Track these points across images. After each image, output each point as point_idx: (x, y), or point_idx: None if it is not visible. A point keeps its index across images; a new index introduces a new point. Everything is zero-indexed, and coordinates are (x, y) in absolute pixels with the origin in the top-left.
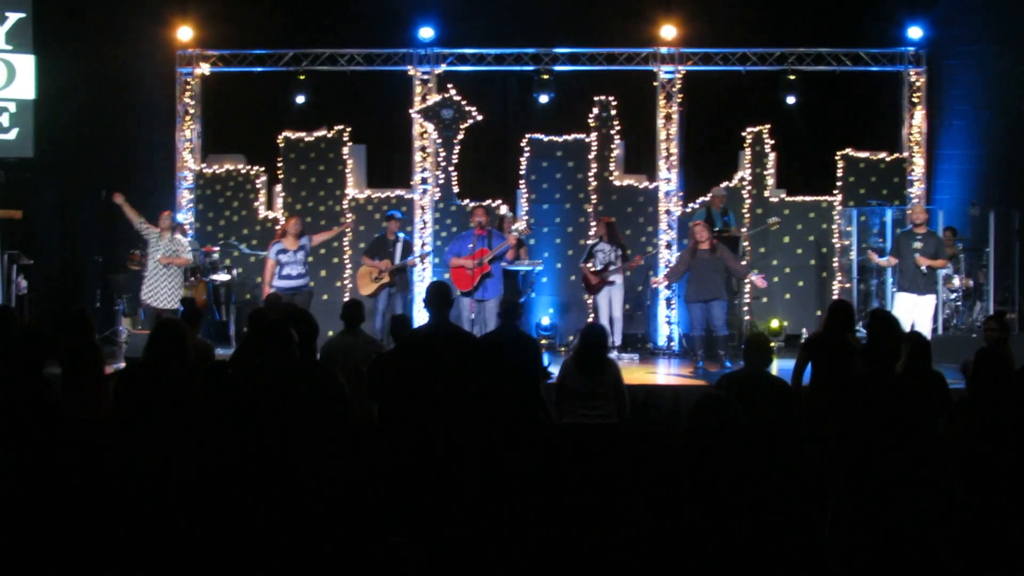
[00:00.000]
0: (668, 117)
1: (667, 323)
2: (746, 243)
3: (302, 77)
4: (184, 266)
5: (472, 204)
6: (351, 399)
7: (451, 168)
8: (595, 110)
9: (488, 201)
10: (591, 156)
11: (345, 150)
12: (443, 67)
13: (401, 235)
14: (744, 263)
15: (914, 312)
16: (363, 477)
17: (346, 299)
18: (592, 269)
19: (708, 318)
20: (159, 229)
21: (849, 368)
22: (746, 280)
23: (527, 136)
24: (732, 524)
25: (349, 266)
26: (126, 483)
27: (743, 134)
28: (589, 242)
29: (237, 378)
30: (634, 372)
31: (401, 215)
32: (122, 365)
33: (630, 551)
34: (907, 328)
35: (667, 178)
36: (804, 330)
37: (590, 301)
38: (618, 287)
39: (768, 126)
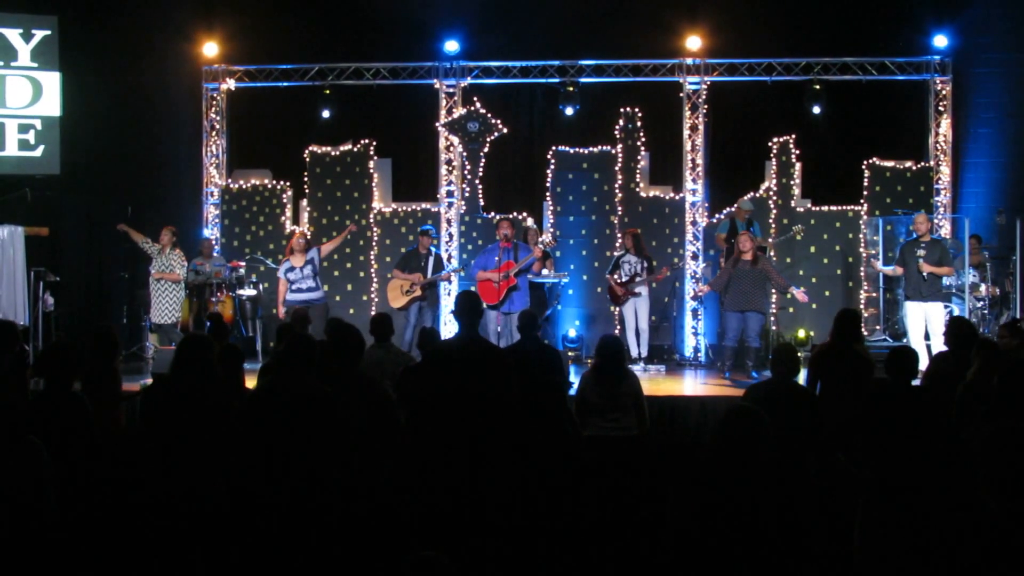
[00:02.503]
0: (694, 128)
1: (693, 334)
2: (772, 253)
3: (327, 91)
4: (176, 282)
5: (498, 217)
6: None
7: (477, 181)
8: (621, 122)
9: (514, 214)
10: (617, 168)
11: (371, 164)
12: (468, 80)
13: (433, 249)
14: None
15: (927, 321)
16: (394, 490)
17: (372, 313)
18: (618, 281)
19: (743, 328)
20: (160, 245)
21: (858, 377)
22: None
23: (553, 148)
24: (760, 534)
25: (376, 280)
26: (153, 497)
27: (769, 144)
28: (615, 253)
29: (267, 392)
30: (661, 383)
31: (434, 231)
32: (149, 381)
33: (656, 562)
34: (919, 336)
35: (693, 189)
36: None
37: (616, 312)
38: (644, 299)
39: (794, 136)
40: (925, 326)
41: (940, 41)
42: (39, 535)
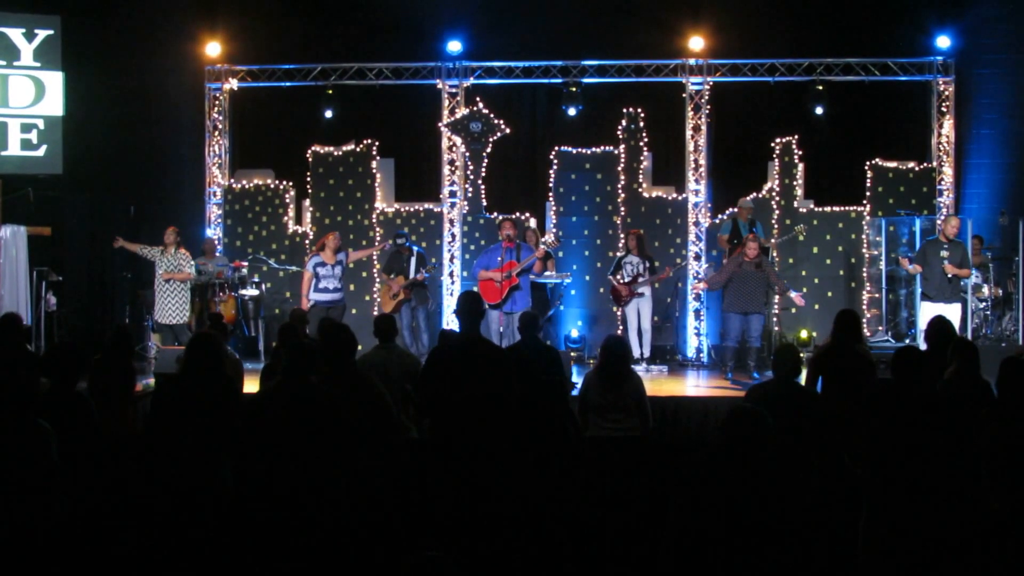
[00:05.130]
0: (696, 128)
1: (696, 335)
2: (775, 253)
3: (330, 91)
4: (186, 280)
5: (501, 217)
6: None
7: (479, 181)
8: (623, 122)
9: (516, 214)
10: (620, 168)
11: (373, 164)
12: (471, 80)
13: (415, 248)
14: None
15: None
16: (397, 491)
17: (375, 314)
18: (620, 281)
19: (745, 329)
20: (162, 246)
21: (858, 377)
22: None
23: (555, 149)
24: (764, 535)
25: (378, 281)
26: (164, 496)
27: (771, 145)
28: (618, 254)
29: (272, 395)
30: (663, 384)
31: (406, 236)
32: (151, 381)
33: (659, 562)
34: None
35: (696, 189)
36: None
37: (619, 313)
38: (647, 299)
39: (796, 136)
40: None
41: (943, 42)
42: (47, 518)
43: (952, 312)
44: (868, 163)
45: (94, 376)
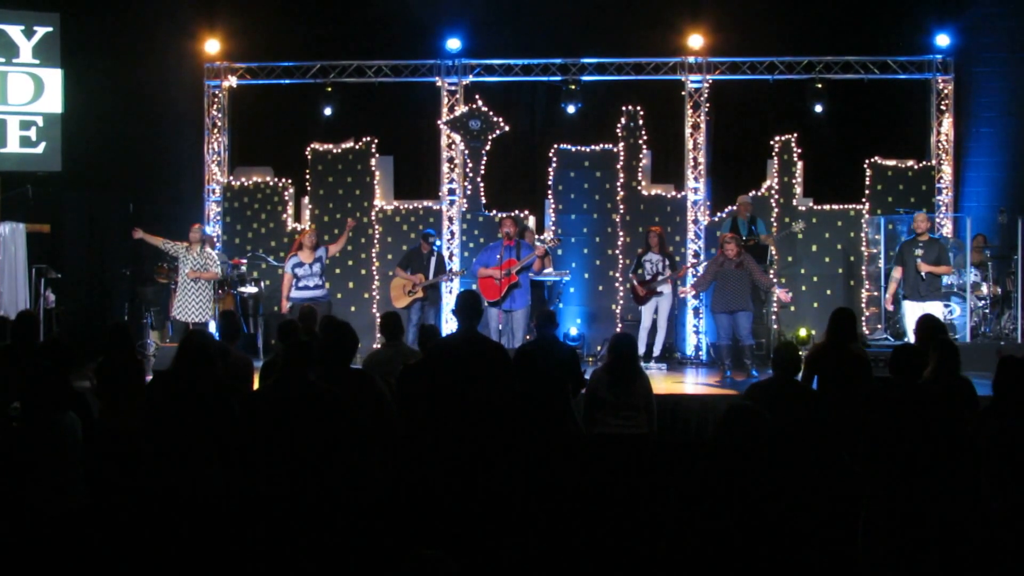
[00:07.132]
0: (696, 126)
1: (695, 333)
2: (774, 250)
3: (329, 89)
4: (213, 279)
5: (500, 215)
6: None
7: (479, 179)
8: (623, 120)
9: (516, 211)
10: (619, 166)
11: (372, 162)
12: (470, 78)
13: (435, 248)
14: (771, 275)
15: None
16: (398, 489)
17: (374, 311)
18: (641, 279)
19: (734, 328)
20: (187, 243)
21: (854, 376)
22: (771, 292)
23: (555, 146)
24: (763, 533)
25: (377, 278)
26: (156, 493)
27: (771, 143)
28: (617, 252)
29: (272, 392)
30: (662, 382)
31: (435, 236)
32: (150, 378)
33: (660, 560)
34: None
35: (695, 187)
36: None
37: (618, 311)
38: (666, 296)
39: (796, 135)
40: None
41: (942, 40)
42: (68, 507)
43: (932, 311)
44: (867, 161)
45: (101, 377)
